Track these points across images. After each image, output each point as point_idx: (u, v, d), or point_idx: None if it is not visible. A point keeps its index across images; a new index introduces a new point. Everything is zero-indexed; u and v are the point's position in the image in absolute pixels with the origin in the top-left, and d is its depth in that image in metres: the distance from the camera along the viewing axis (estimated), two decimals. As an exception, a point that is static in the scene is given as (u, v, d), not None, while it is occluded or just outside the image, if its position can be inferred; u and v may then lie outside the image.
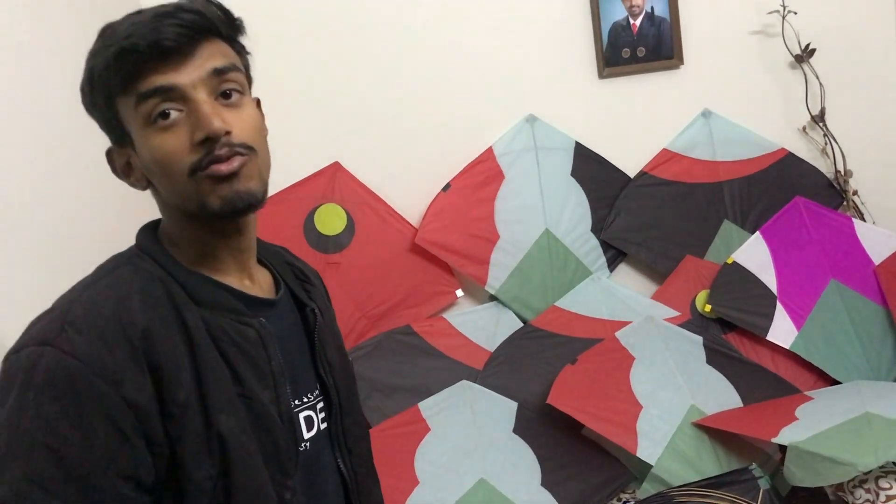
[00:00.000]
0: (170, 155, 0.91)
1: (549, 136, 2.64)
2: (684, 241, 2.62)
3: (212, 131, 0.89)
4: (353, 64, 2.56)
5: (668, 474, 2.12)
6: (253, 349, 0.96)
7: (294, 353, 1.05)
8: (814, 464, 1.89)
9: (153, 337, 0.88)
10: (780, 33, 2.62)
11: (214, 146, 0.90)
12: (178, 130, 0.91)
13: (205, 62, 0.92)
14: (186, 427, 0.88)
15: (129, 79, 0.90)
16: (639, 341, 2.36)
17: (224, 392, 0.92)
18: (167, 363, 0.88)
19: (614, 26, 2.61)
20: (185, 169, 0.90)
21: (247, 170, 0.93)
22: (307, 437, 1.03)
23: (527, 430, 2.27)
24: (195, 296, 0.95)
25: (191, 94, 0.90)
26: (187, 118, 0.91)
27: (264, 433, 0.95)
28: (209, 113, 0.90)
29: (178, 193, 0.93)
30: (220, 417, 0.90)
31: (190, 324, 0.92)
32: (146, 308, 0.90)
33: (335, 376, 1.10)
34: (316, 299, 1.13)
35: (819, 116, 2.65)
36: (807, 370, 2.44)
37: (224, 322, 0.95)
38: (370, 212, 2.56)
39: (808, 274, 2.51)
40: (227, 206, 0.92)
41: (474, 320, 2.56)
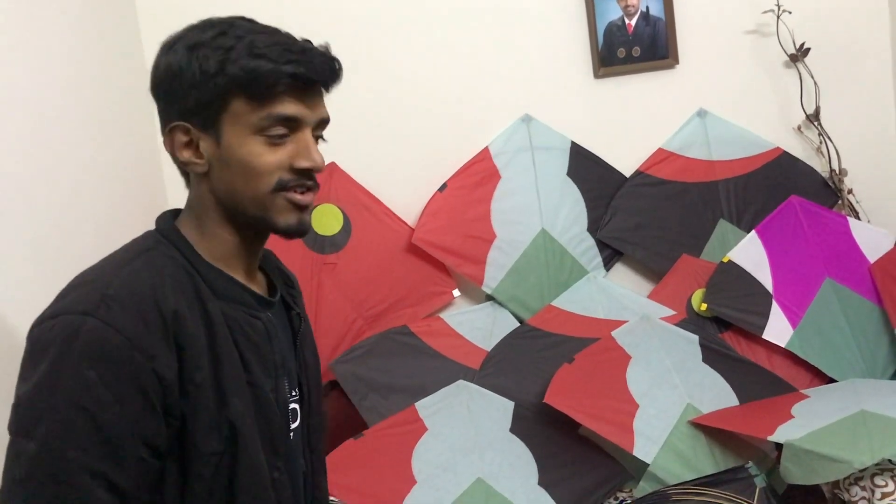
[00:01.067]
0: (266, 165, 1.02)
1: (544, 135, 2.64)
2: (680, 240, 2.63)
3: (316, 165, 1.04)
4: (348, 65, 2.55)
5: (665, 473, 2.12)
6: (260, 341, 1.06)
7: (286, 352, 1.14)
8: (810, 462, 1.90)
9: (181, 320, 0.96)
10: (775, 33, 2.63)
11: (308, 176, 1.04)
12: (281, 148, 1.03)
13: (322, 108, 1.08)
14: (200, 405, 0.97)
15: (270, 96, 1.01)
16: (635, 340, 2.37)
17: (236, 377, 1.01)
18: (191, 345, 0.96)
19: (609, 26, 2.61)
20: (272, 183, 1.02)
21: (312, 205, 1.08)
22: (293, 427, 1.14)
23: (524, 429, 2.27)
24: (214, 288, 1.03)
25: (306, 127, 1.05)
26: (291, 142, 1.04)
27: (264, 418, 1.04)
28: (315, 148, 1.05)
29: (251, 199, 1.03)
30: (233, 400, 0.99)
31: (211, 312, 1.00)
32: (176, 292, 0.98)
33: (309, 378, 1.20)
34: (299, 304, 1.23)
35: (814, 115, 2.66)
36: (803, 368, 2.45)
37: (238, 314, 1.04)
38: (367, 212, 2.56)
39: (803, 272, 2.52)
40: (290, 229, 1.05)
41: (471, 320, 2.57)
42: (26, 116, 1.63)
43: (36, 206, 1.60)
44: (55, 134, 1.75)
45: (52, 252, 1.62)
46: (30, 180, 1.59)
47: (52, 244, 1.63)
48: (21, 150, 1.58)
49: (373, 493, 2.12)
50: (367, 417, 2.30)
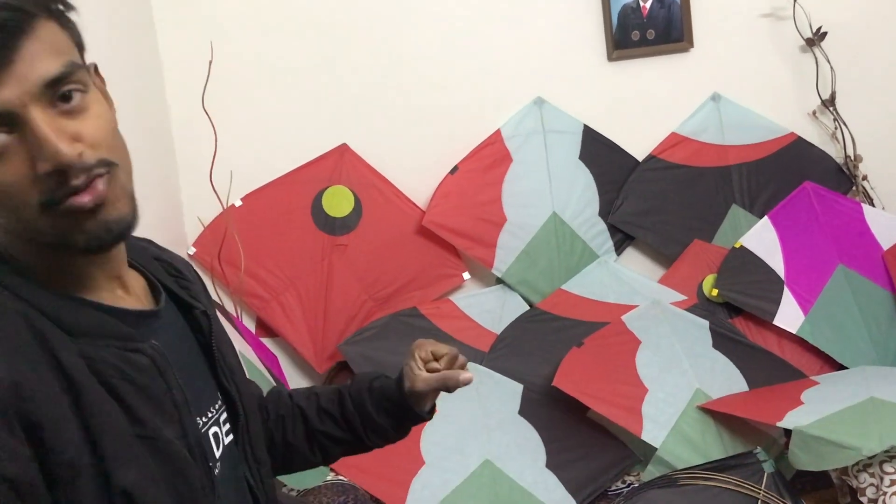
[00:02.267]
0: (9, 188, 0.70)
1: (557, 119, 2.63)
2: (692, 225, 2.62)
3: (59, 161, 0.70)
4: (361, 46, 2.55)
5: (673, 457, 2.13)
6: (148, 380, 0.79)
7: (189, 367, 0.88)
8: (818, 448, 1.90)
9: (24, 392, 0.69)
10: (791, 17, 2.60)
11: (67, 175, 0.71)
12: (12, 158, 0.70)
13: (30, 68, 0.69)
14: (80, 491, 0.72)
15: None
16: (645, 325, 2.36)
17: (120, 439, 0.74)
18: (46, 420, 0.70)
19: (624, 8, 2.59)
20: (33, 204, 0.71)
21: (112, 192, 0.74)
22: (217, 455, 0.89)
23: (532, 412, 2.28)
24: (67, 326, 0.75)
25: (21, 114, 0.69)
26: (20, 143, 0.70)
27: (175, 474, 0.79)
28: (51, 137, 0.69)
29: (30, 228, 0.73)
30: (120, 472, 0.73)
31: (66, 364, 0.73)
32: (9, 355, 0.70)
33: (237, 381, 0.96)
34: (200, 298, 0.96)
35: (829, 101, 2.64)
36: (813, 355, 2.44)
37: (108, 353, 0.77)
38: (378, 194, 2.56)
39: (816, 259, 2.50)
40: (96, 241, 0.75)
41: (481, 303, 2.57)
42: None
43: None
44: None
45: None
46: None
47: None
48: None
49: (381, 474, 2.13)
50: (377, 398, 2.31)
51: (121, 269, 0.85)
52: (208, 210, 2.44)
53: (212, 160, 2.34)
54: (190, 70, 2.36)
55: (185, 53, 2.40)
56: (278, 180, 2.52)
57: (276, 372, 2.42)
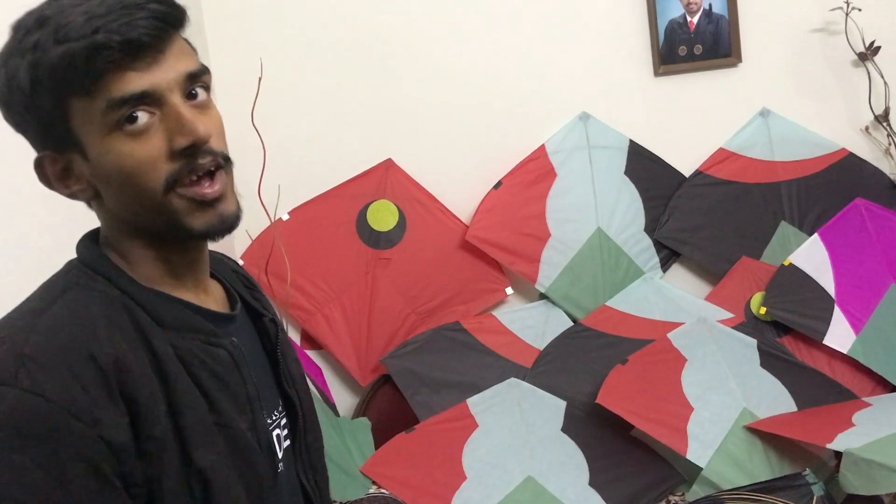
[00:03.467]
0: (143, 164, 0.79)
1: (602, 134, 2.62)
2: (739, 241, 2.58)
3: (198, 137, 0.80)
4: (406, 62, 2.58)
5: (719, 477, 2.09)
6: (226, 373, 0.86)
7: (258, 370, 0.95)
8: (870, 471, 1.85)
9: (125, 367, 0.78)
10: (843, 31, 2.56)
11: (197, 155, 0.81)
12: (151, 136, 0.80)
13: (176, 62, 0.81)
14: (164, 465, 0.79)
15: (97, 80, 0.77)
16: (691, 343, 2.33)
17: (201, 423, 0.82)
18: (142, 396, 0.78)
19: (671, 23, 2.58)
20: (160, 182, 0.80)
21: (228, 189, 0.85)
22: (280, 456, 0.95)
23: (575, 429, 2.26)
24: (158, 317, 0.84)
25: (168, 97, 0.80)
26: (160, 123, 0.80)
27: (244, 463, 0.86)
28: (191, 117, 0.80)
29: (147, 210, 0.82)
30: (199, 452, 0.81)
31: (159, 350, 0.81)
32: (113, 334, 0.79)
33: (298, 389, 1.01)
34: (269, 309, 1.02)
35: (883, 116, 2.58)
36: (865, 376, 2.38)
37: (193, 345, 0.85)
38: (422, 208, 2.58)
39: (868, 277, 2.45)
40: (213, 229, 0.84)
41: (524, 318, 2.56)
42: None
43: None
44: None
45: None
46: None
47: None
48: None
49: (423, 487, 2.13)
50: (419, 412, 2.32)
51: (205, 275, 0.93)
52: (256, 223, 2.49)
53: (260, 175, 2.39)
54: (240, 86, 2.41)
55: (236, 70, 2.45)
56: (324, 195, 2.55)
57: (321, 384, 2.45)
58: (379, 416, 2.41)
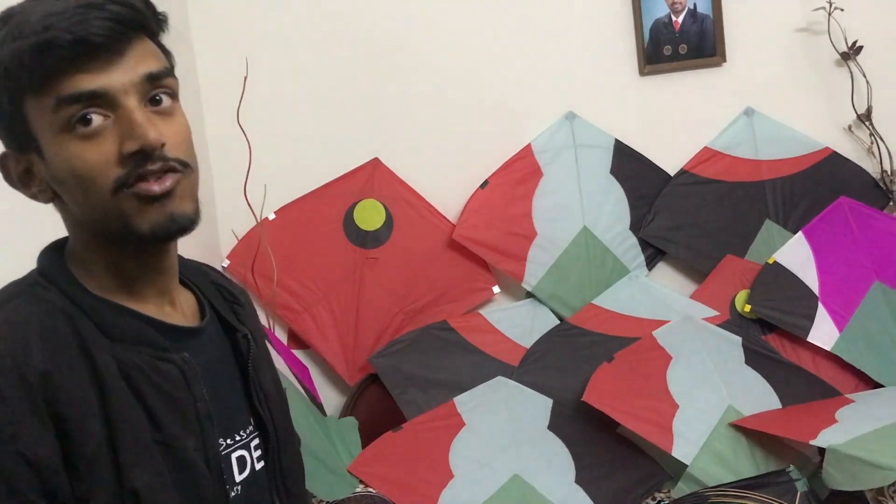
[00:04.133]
0: (92, 167, 0.79)
1: (588, 133, 2.63)
2: (724, 240, 2.60)
3: (147, 143, 0.78)
4: (393, 62, 2.58)
5: (704, 474, 2.11)
6: (175, 389, 0.84)
7: (224, 387, 0.92)
8: (853, 467, 1.87)
9: (55, 382, 0.76)
10: (826, 30, 2.57)
11: (147, 160, 0.79)
12: (103, 140, 0.79)
13: (136, 64, 0.81)
14: (95, 484, 0.77)
15: (46, 78, 0.77)
16: (676, 341, 2.35)
17: (139, 441, 0.80)
18: (72, 411, 0.76)
19: (656, 23, 2.59)
20: (108, 184, 0.79)
21: (181, 189, 0.82)
22: (239, 479, 0.91)
23: (562, 427, 2.27)
24: (106, 329, 0.82)
25: (121, 99, 0.79)
26: (114, 126, 0.79)
27: (188, 485, 0.83)
28: (143, 122, 0.79)
29: (98, 212, 0.81)
30: (135, 472, 0.78)
31: (99, 364, 0.79)
32: (47, 347, 0.77)
33: (271, 408, 0.98)
34: (247, 322, 1.00)
35: (865, 115, 2.60)
36: (848, 373, 2.40)
37: (140, 359, 0.82)
38: (409, 208, 2.58)
39: (851, 275, 2.47)
40: (159, 230, 0.81)
41: (511, 317, 2.57)
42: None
43: None
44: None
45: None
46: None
47: None
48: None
49: (410, 486, 2.14)
50: (406, 411, 2.32)
51: (170, 285, 0.91)
52: (242, 223, 2.48)
53: (246, 174, 2.38)
54: (225, 86, 2.40)
55: (221, 69, 2.45)
56: (311, 194, 2.55)
57: (308, 383, 2.45)
58: (366, 415, 2.41)
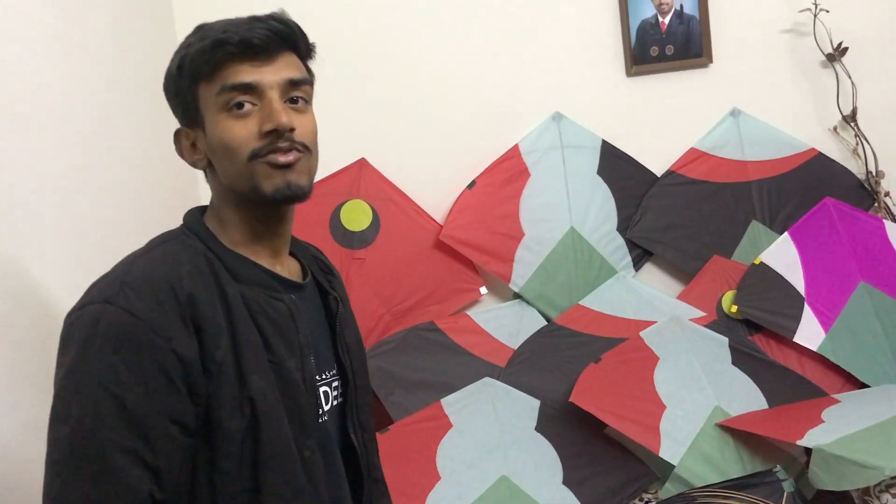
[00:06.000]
0: (237, 139, 1.05)
1: (575, 133, 2.63)
2: (711, 241, 2.60)
3: (280, 124, 1.04)
4: (379, 60, 2.57)
5: (691, 475, 2.11)
6: (283, 321, 1.09)
7: (316, 334, 1.16)
8: (839, 467, 1.87)
9: (197, 301, 1.01)
10: (812, 32, 2.59)
11: (278, 139, 1.04)
12: (249, 120, 1.05)
13: (282, 70, 1.08)
14: (222, 383, 1.00)
15: (217, 68, 1.05)
16: (663, 341, 2.35)
17: (256, 357, 1.04)
18: (208, 326, 1.01)
19: (643, 24, 2.59)
20: (246, 153, 1.04)
21: (300, 165, 1.07)
22: (325, 409, 1.15)
23: (549, 428, 2.26)
24: (234, 272, 1.08)
25: (267, 92, 1.06)
26: (259, 112, 1.06)
27: (290, 396, 1.06)
28: (280, 110, 1.05)
29: (236, 174, 1.06)
30: (252, 378, 1.02)
31: (229, 295, 1.04)
32: (193, 277, 1.03)
33: (352, 358, 1.22)
34: (337, 289, 1.25)
35: (850, 116, 2.62)
36: (834, 373, 2.41)
37: (259, 296, 1.08)
38: (395, 208, 2.57)
39: (837, 276, 2.48)
40: (278, 192, 1.05)
41: (498, 317, 2.56)
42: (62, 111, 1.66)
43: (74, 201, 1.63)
44: (90, 129, 1.78)
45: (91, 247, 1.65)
46: (63, 174, 1.62)
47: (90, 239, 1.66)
48: (55, 143, 1.61)
49: (396, 487, 2.11)
50: (393, 412, 2.31)
51: (282, 249, 1.17)
52: (228, 223, 2.46)
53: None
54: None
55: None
56: (297, 194, 2.53)
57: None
58: (353, 416, 2.40)
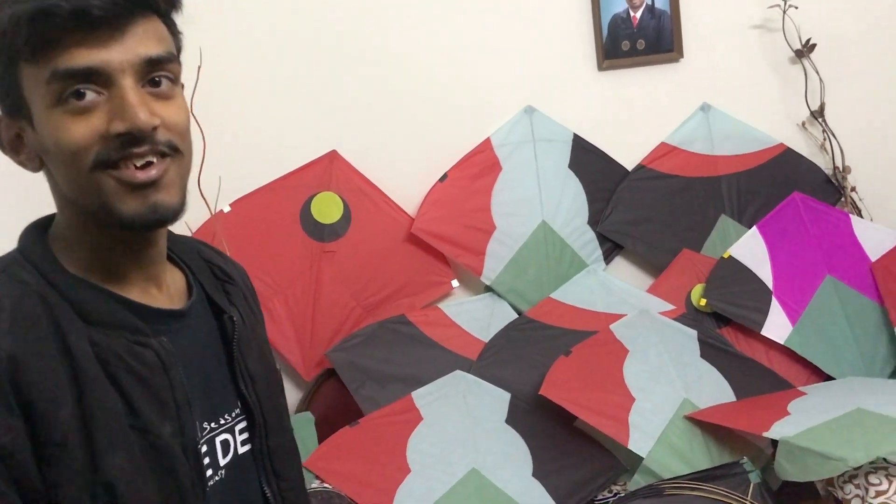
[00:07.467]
0: (76, 142, 0.76)
1: (547, 127, 2.63)
2: (681, 234, 2.62)
3: (136, 125, 0.76)
4: (351, 53, 2.55)
5: (660, 467, 2.12)
6: (151, 375, 0.81)
7: (210, 370, 0.91)
8: (804, 459, 1.90)
9: (22, 366, 0.74)
10: (781, 28, 2.61)
11: (134, 143, 0.77)
12: (93, 116, 0.76)
13: (137, 44, 0.78)
14: (67, 471, 0.75)
15: (42, 48, 0.75)
16: (633, 334, 2.36)
17: (115, 427, 0.77)
18: (41, 396, 0.74)
19: (614, 18, 2.60)
20: (88, 159, 0.77)
21: (167, 178, 0.79)
22: (223, 463, 0.90)
23: (519, 420, 2.27)
24: (83, 312, 0.80)
25: (117, 78, 0.76)
26: (106, 103, 0.77)
27: (164, 472, 0.80)
28: (136, 103, 0.76)
29: (77, 188, 0.79)
30: (108, 458, 0.76)
31: (73, 348, 0.77)
32: (17, 330, 0.75)
33: (258, 391, 0.96)
34: (237, 303, 0.97)
35: (818, 112, 2.65)
36: (801, 365, 2.44)
37: (118, 343, 0.80)
38: (367, 201, 2.55)
39: (804, 269, 2.51)
40: (140, 218, 0.79)
41: (469, 311, 2.56)
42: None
43: None
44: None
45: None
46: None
47: None
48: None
49: (367, 481, 2.12)
50: (364, 406, 2.30)
51: (157, 268, 0.88)
52: (196, 216, 2.43)
53: (200, 166, 2.34)
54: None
55: (175, 59, 2.39)
56: (267, 186, 2.51)
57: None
58: (323, 410, 2.39)
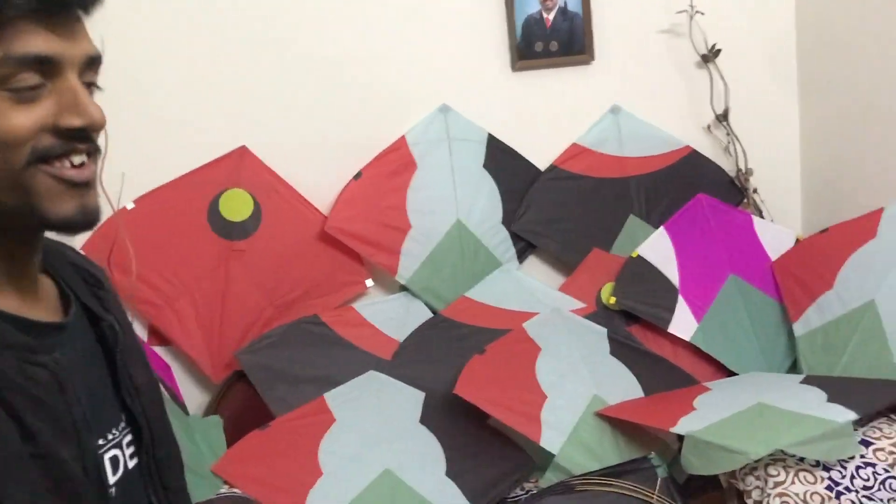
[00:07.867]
0: (16, 131, 0.71)
1: (462, 127, 2.63)
2: (591, 234, 2.67)
3: (93, 122, 0.75)
4: (261, 46, 2.49)
5: (571, 463, 2.15)
6: (47, 396, 0.75)
7: (93, 383, 0.85)
8: (708, 452, 1.95)
9: None
10: (688, 33, 2.68)
11: (79, 139, 0.75)
12: (36, 107, 0.73)
13: (83, 40, 0.76)
14: None
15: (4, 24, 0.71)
16: (545, 332, 2.38)
17: (9, 457, 0.71)
18: None
19: (528, 19, 2.62)
20: (25, 153, 0.72)
21: (94, 180, 0.78)
22: (113, 481, 0.84)
23: (433, 420, 2.26)
24: None
25: (66, 71, 0.74)
26: (51, 94, 0.74)
27: (68, 498, 0.75)
28: (88, 100, 0.75)
29: (2, 179, 0.73)
30: (8, 490, 0.71)
31: None
32: None
33: (143, 402, 0.91)
34: (111, 309, 0.92)
35: (723, 116, 2.73)
36: (706, 362, 2.50)
37: (6, 365, 0.73)
38: (278, 198, 2.50)
39: (708, 268, 2.58)
40: (71, 221, 0.76)
41: (384, 310, 2.54)
42: None
43: None
44: None
45: None
46: None
47: None
48: None
49: (278, 485, 2.07)
50: (275, 408, 2.25)
51: (34, 275, 0.82)
52: (98, 212, 2.33)
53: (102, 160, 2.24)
54: (80, 66, 2.25)
55: (75, 48, 2.28)
56: (173, 182, 2.43)
57: (169, 382, 2.34)
58: (232, 413, 2.33)
